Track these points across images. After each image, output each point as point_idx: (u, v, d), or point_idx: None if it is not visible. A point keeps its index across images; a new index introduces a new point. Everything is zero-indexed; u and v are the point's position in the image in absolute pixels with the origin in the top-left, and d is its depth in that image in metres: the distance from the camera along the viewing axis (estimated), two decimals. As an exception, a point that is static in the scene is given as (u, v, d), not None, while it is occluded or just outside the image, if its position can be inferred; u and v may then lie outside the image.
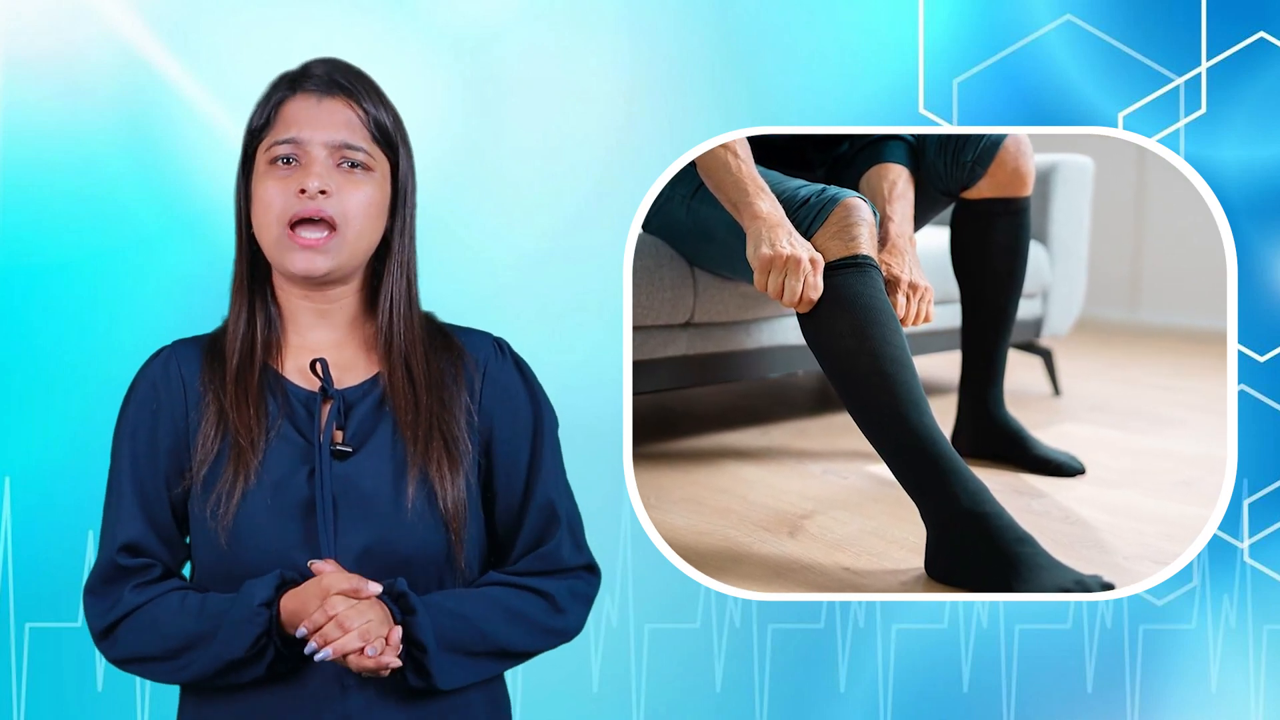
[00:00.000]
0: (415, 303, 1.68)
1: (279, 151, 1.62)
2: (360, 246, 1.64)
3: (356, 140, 1.63)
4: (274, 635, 1.57)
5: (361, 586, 1.56)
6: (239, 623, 1.57)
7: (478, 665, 1.64)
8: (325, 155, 1.62)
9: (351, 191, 1.62)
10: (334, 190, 1.61)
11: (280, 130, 1.63)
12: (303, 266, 1.61)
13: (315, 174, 1.61)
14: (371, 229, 1.64)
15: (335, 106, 1.63)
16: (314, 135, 1.62)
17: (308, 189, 1.60)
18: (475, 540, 1.67)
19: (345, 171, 1.63)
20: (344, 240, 1.62)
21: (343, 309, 1.67)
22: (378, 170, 1.64)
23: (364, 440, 1.64)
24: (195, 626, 1.59)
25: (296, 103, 1.64)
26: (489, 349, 1.70)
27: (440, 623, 1.61)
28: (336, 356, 1.66)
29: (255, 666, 1.58)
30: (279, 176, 1.62)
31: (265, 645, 1.57)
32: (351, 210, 1.62)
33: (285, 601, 1.57)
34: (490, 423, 1.68)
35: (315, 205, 1.60)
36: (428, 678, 1.60)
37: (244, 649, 1.57)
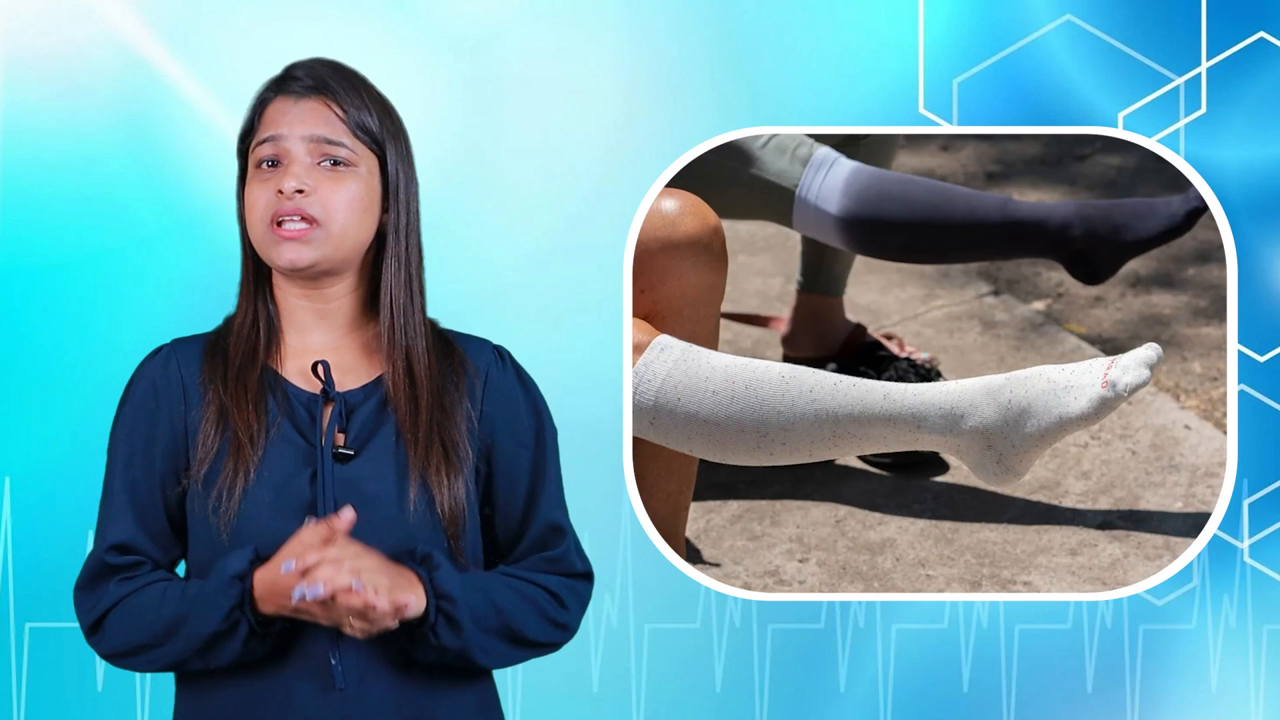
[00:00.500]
0: (418, 302, 1.68)
1: (262, 153, 1.63)
2: (346, 241, 1.64)
3: (336, 135, 1.63)
4: (246, 609, 1.56)
5: (336, 523, 1.54)
6: (212, 595, 1.57)
7: (488, 641, 1.63)
8: (304, 154, 1.62)
9: (333, 188, 1.62)
10: (312, 189, 1.61)
11: (261, 131, 1.64)
12: (288, 258, 1.62)
13: (292, 174, 1.61)
14: (358, 224, 1.64)
15: (312, 105, 1.64)
16: (291, 133, 1.62)
17: (284, 189, 1.61)
18: (473, 547, 1.67)
19: (327, 170, 1.63)
20: (328, 233, 1.62)
21: (341, 309, 1.67)
22: (362, 166, 1.64)
23: (365, 443, 1.64)
24: (175, 610, 1.60)
25: (276, 104, 1.65)
26: (490, 357, 1.71)
27: (465, 586, 1.60)
28: (337, 359, 1.66)
29: (230, 642, 1.57)
30: (262, 179, 1.63)
31: (238, 620, 1.56)
32: (333, 206, 1.62)
33: (259, 574, 1.56)
34: (491, 431, 1.68)
35: (294, 204, 1.61)
36: (459, 631, 1.59)
37: (217, 621, 1.56)
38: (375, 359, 1.67)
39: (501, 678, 1.72)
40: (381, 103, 1.67)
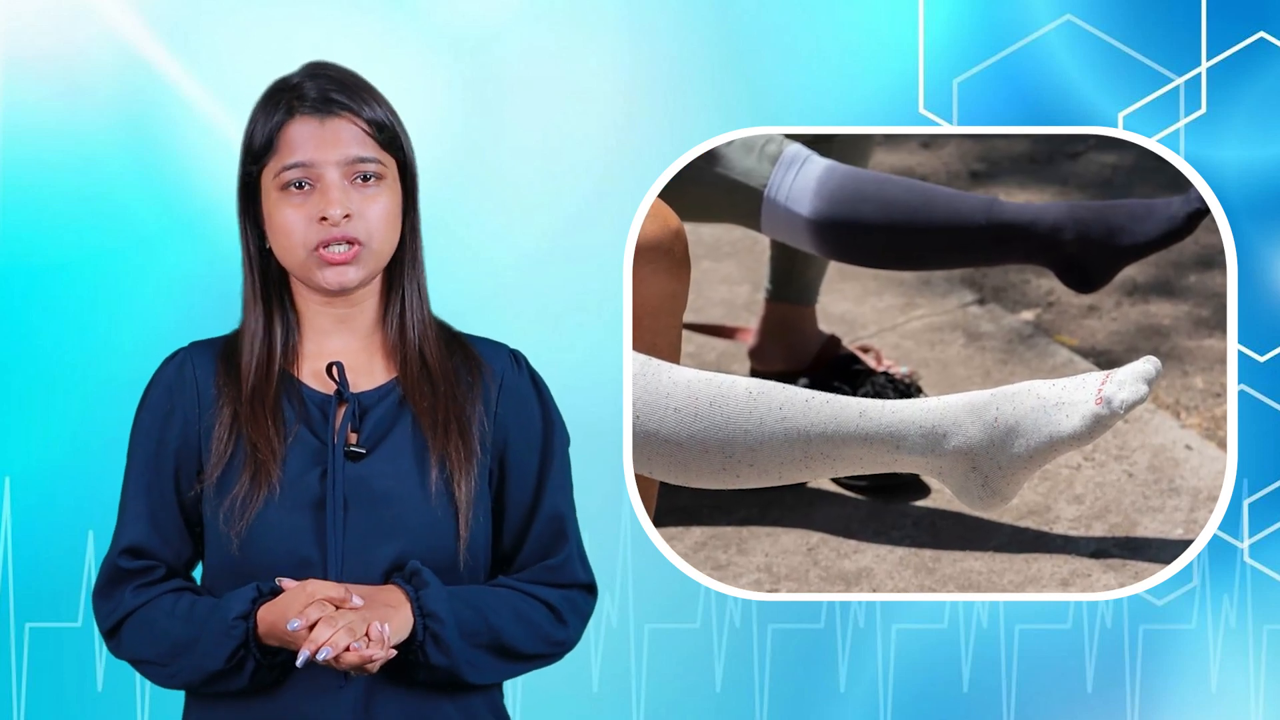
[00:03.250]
0: (425, 297, 1.70)
1: (290, 177, 1.62)
2: (385, 254, 1.65)
3: (367, 152, 1.63)
4: (252, 647, 1.57)
5: (348, 597, 1.56)
6: (216, 635, 1.58)
7: (478, 658, 1.63)
8: (339, 176, 1.62)
9: (370, 207, 1.62)
10: (356, 212, 1.61)
11: (286, 155, 1.62)
12: (336, 281, 1.62)
13: (335, 200, 1.61)
14: (393, 235, 1.65)
15: (339, 125, 1.63)
16: (325, 158, 1.61)
17: (330, 217, 1.60)
18: (481, 549, 1.67)
19: (359, 187, 1.62)
20: (371, 251, 1.63)
21: (363, 313, 1.68)
22: (389, 175, 1.64)
23: (379, 441, 1.64)
24: (182, 632, 1.60)
25: (297, 126, 1.63)
26: (505, 360, 1.71)
27: (453, 602, 1.60)
28: (354, 361, 1.67)
29: (236, 678, 1.59)
30: (295, 203, 1.62)
31: (244, 658, 1.58)
32: (374, 225, 1.63)
33: (263, 613, 1.57)
34: (505, 434, 1.69)
35: (340, 231, 1.61)
36: (447, 650, 1.59)
37: (221, 661, 1.58)
38: (391, 362, 1.68)
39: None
40: (386, 102, 1.68)
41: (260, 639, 1.57)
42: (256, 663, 1.57)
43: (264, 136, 1.63)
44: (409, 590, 1.59)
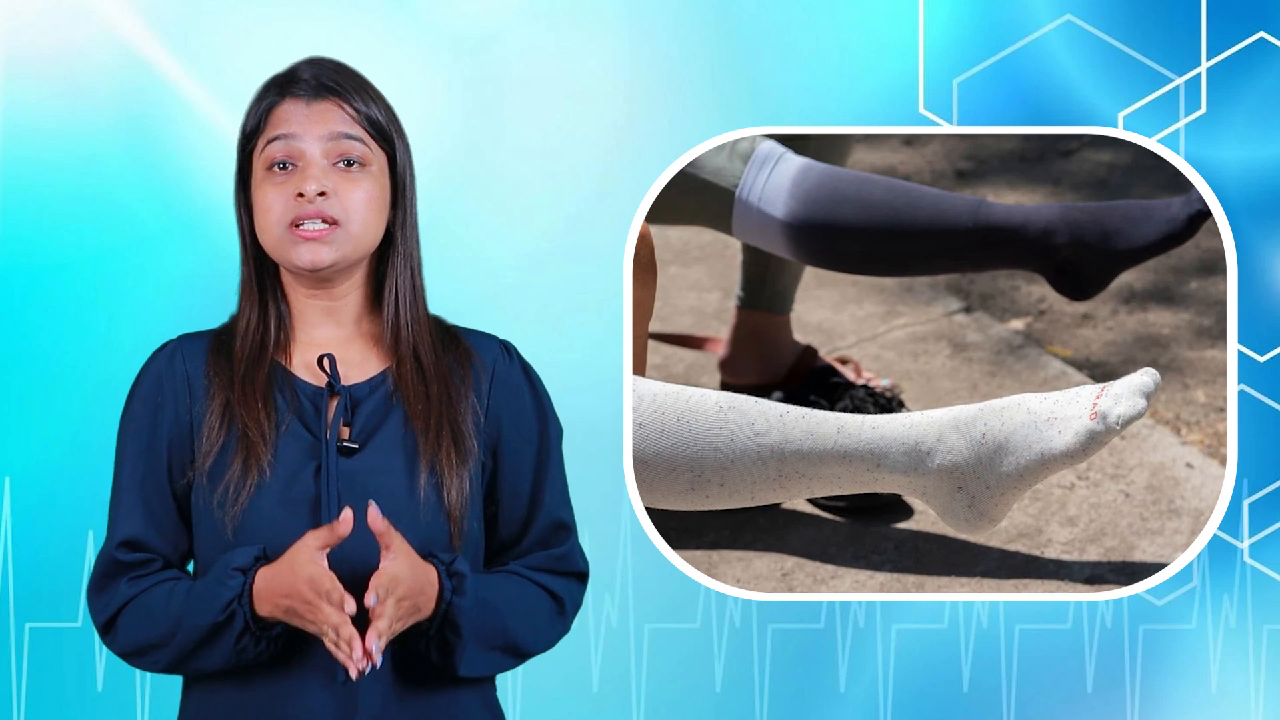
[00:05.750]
0: (421, 295, 1.70)
1: (274, 153, 1.63)
2: (364, 240, 1.65)
3: (352, 130, 1.64)
4: (245, 602, 1.57)
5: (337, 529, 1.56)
6: (212, 585, 1.58)
7: (490, 659, 1.64)
8: (320, 155, 1.63)
9: (350, 189, 1.63)
10: (332, 190, 1.62)
11: (270, 131, 1.64)
12: (308, 259, 1.62)
13: (312, 176, 1.62)
14: (374, 223, 1.65)
15: (325, 107, 1.64)
16: (306, 134, 1.63)
17: (305, 193, 1.61)
18: (474, 541, 1.67)
19: (342, 170, 1.64)
20: (347, 233, 1.63)
21: (349, 305, 1.68)
22: (375, 164, 1.65)
23: (371, 435, 1.64)
24: (180, 608, 1.60)
25: (286, 106, 1.65)
26: (496, 351, 1.72)
27: (478, 612, 1.61)
28: (344, 353, 1.67)
29: (226, 634, 1.58)
30: (276, 182, 1.63)
31: (235, 612, 1.57)
32: (352, 207, 1.63)
33: (262, 572, 1.57)
34: (498, 425, 1.69)
35: (315, 208, 1.62)
36: (450, 657, 1.61)
37: (215, 612, 1.57)
38: (381, 353, 1.68)
39: (501, 677, 1.72)
40: (384, 100, 1.69)
41: (254, 599, 1.57)
42: (245, 623, 1.57)
43: (255, 118, 1.66)
44: (446, 588, 1.59)
